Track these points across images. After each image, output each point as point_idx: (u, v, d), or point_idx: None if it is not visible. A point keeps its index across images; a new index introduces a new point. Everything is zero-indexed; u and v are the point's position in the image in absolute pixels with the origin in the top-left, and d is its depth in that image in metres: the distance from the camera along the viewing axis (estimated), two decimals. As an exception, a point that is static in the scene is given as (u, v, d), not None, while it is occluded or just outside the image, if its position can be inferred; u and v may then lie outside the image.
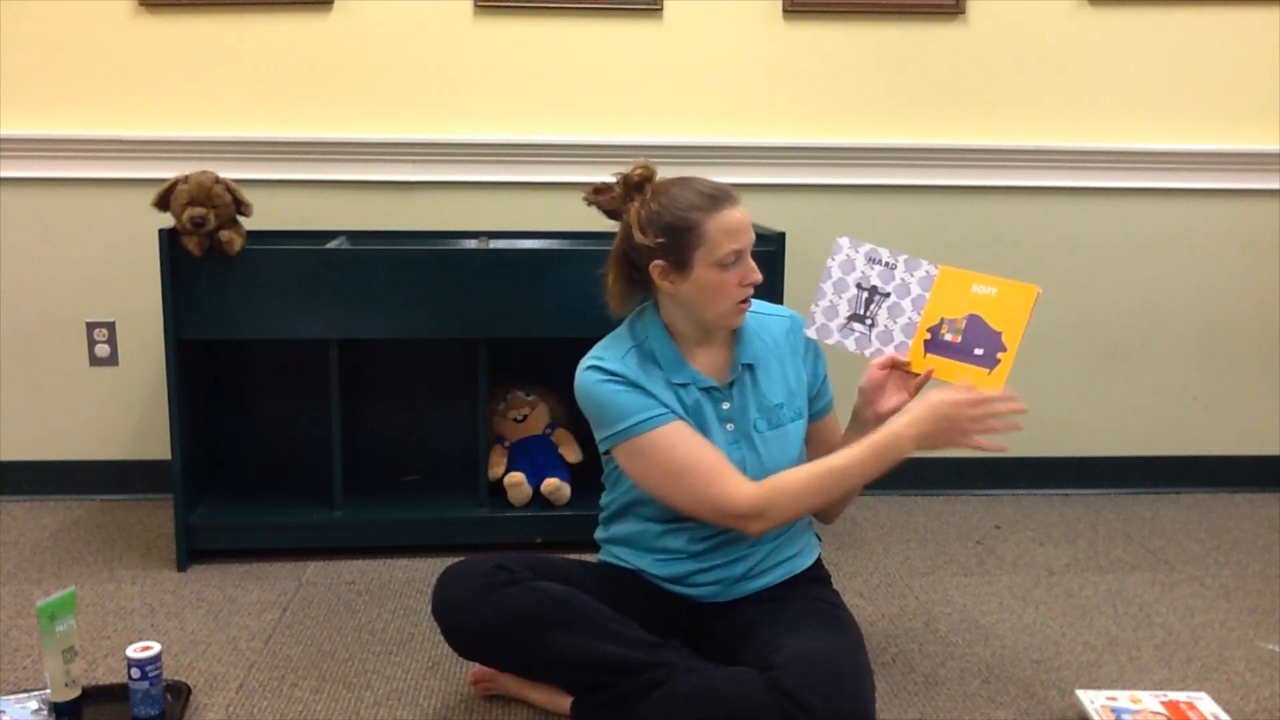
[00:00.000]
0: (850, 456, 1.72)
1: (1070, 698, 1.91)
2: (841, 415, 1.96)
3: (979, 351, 1.79)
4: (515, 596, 1.70)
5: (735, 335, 1.85)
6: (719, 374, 1.83)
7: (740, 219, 1.73)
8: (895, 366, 1.83)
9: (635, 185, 1.78)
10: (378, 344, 2.74)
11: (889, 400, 1.82)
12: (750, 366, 1.83)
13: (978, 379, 1.77)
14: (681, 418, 1.76)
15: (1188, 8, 2.85)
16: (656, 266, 1.74)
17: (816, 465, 1.75)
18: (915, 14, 2.81)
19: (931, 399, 1.72)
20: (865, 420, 1.83)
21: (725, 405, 1.81)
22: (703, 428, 1.79)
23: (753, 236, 1.75)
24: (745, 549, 1.83)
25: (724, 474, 1.73)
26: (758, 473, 1.77)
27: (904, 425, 1.72)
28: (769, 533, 1.82)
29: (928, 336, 1.83)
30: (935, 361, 1.81)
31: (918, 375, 1.82)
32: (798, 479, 1.74)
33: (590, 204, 1.84)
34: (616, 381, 1.75)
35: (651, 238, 1.72)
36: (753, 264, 1.75)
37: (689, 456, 1.73)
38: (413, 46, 2.77)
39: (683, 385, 1.79)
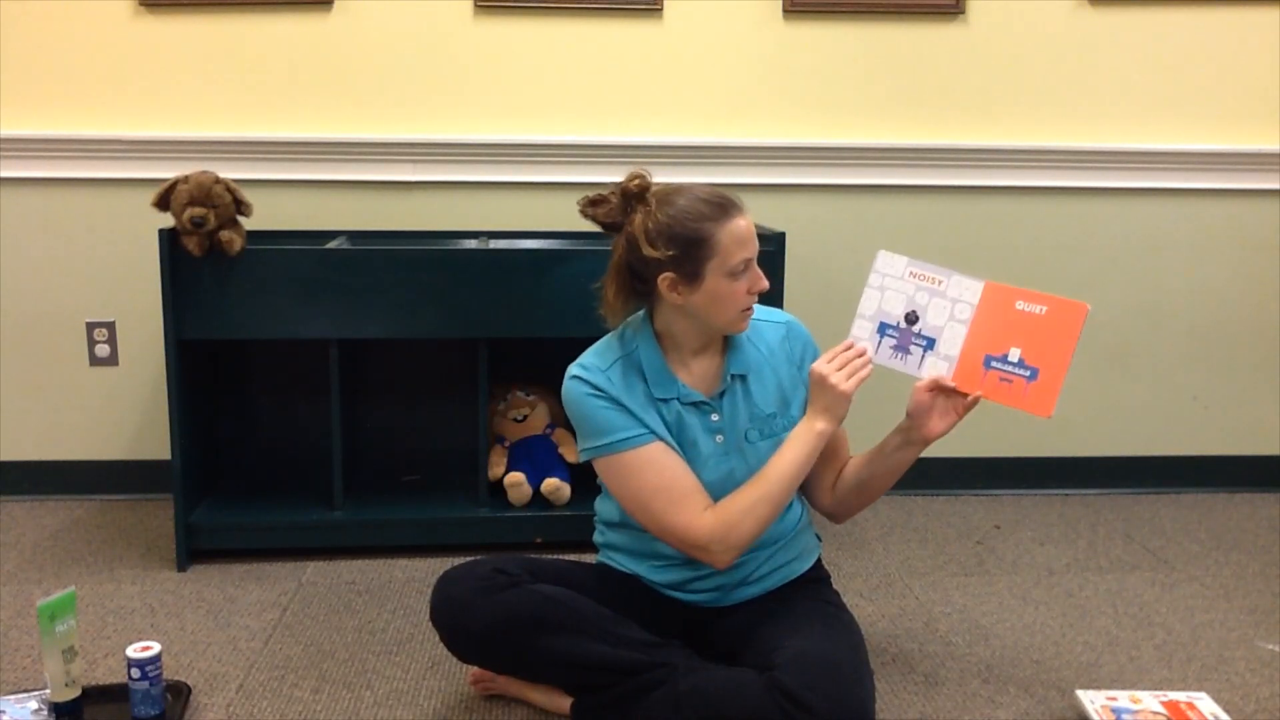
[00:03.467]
0: (779, 456, 1.74)
1: (1070, 698, 1.91)
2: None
3: (1027, 372, 1.75)
4: (514, 600, 1.70)
5: (727, 345, 1.83)
6: (708, 385, 1.81)
7: (748, 227, 1.72)
8: (940, 389, 1.78)
9: (635, 196, 1.74)
10: (378, 344, 2.74)
11: (938, 423, 1.77)
12: (742, 377, 1.82)
13: (1027, 401, 1.74)
14: (661, 438, 1.75)
15: (1188, 8, 2.85)
16: (666, 279, 1.71)
17: (755, 478, 1.74)
18: (915, 14, 2.81)
19: (811, 376, 1.76)
20: (913, 442, 1.80)
21: (714, 417, 1.80)
22: (687, 442, 1.78)
23: (757, 243, 1.74)
24: (745, 555, 1.81)
25: (688, 504, 1.72)
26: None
27: (808, 410, 1.76)
28: (767, 540, 1.82)
29: (977, 356, 1.77)
30: (983, 384, 1.76)
31: (967, 396, 1.77)
32: (742, 495, 1.73)
33: (586, 217, 1.79)
34: (599, 397, 1.75)
35: (662, 250, 1.68)
36: (759, 271, 1.74)
37: (658, 481, 1.72)
38: (413, 46, 2.77)
39: (665, 401, 1.77)
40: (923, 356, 1.81)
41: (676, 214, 1.69)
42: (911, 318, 1.82)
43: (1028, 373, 1.75)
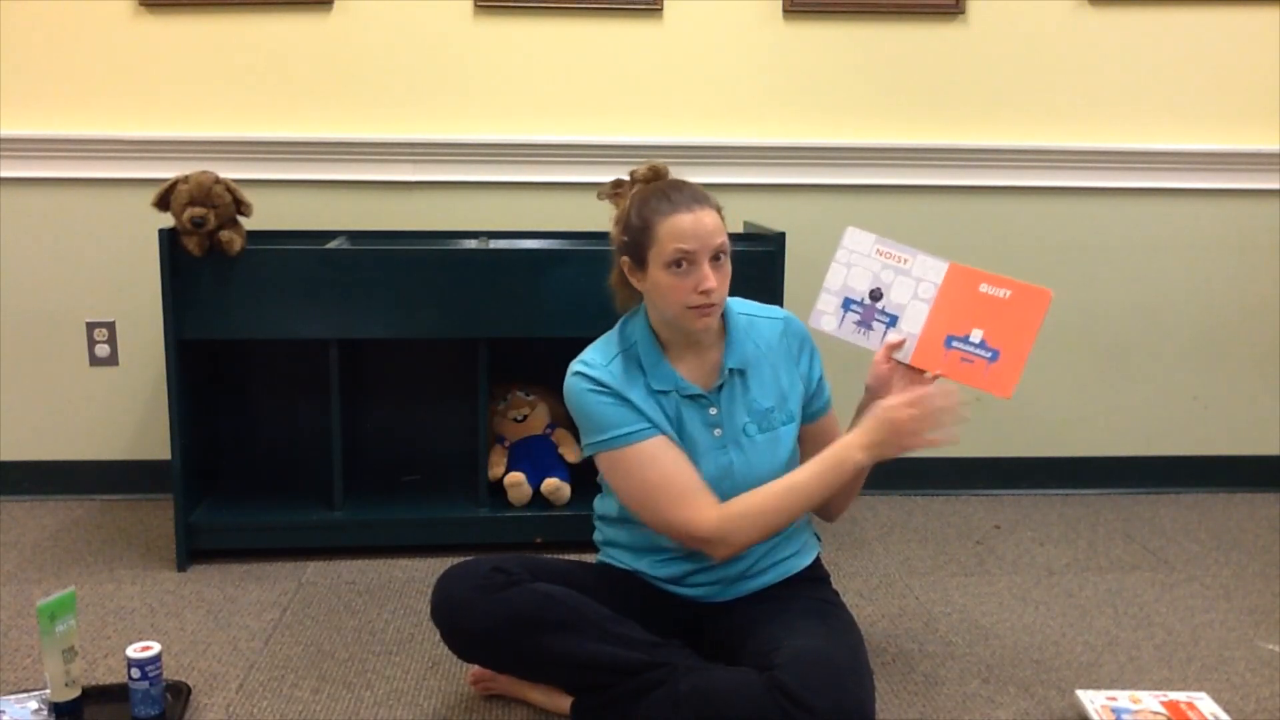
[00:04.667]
0: (806, 473, 1.73)
1: (1070, 698, 1.91)
2: (842, 417, 1.96)
3: (989, 354, 1.77)
4: (514, 599, 1.70)
5: (724, 339, 1.83)
6: (706, 379, 1.82)
7: (693, 222, 1.69)
8: (899, 364, 1.81)
9: (633, 183, 1.82)
10: (378, 344, 2.74)
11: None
12: (740, 372, 1.82)
13: (987, 382, 1.76)
14: (663, 432, 1.76)
15: (1188, 8, 2.85)
16: (624, 262, 1.78)
17: (773, 485, 1.74)
18: (915, 14, 2.81)
19: (877, 407, 1.71)
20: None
21: (712, 411, 1.80)
22: (686, 436, 1.79)
23: (716, 242, 1.70)
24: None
25: (691, 498, 1.73)
26: (746, 476, 1.77)
27: (854, 436, 1.72)
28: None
29: (939, 335, 1.80)
30: (944, 364, 1.78)
31: (924, 373, 1.79)
32: (755, 502, 1.73)
33: (602, 198, 1.88)
34: (601, 392, 1.75)
35: (618, 234, 1.78)
36: (708, 271, 1.70)
37: (661, 475, 1.73)
38: (413, 46, 2.77)
39: (664, 393, 1.78)
40: (885, 333, 1.84)
41: (639, 202, 1.76)
42: (876, 294, 1.84)
43: (989, 354, 1.78)
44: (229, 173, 2.43)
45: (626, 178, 1.84)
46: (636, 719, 1.67)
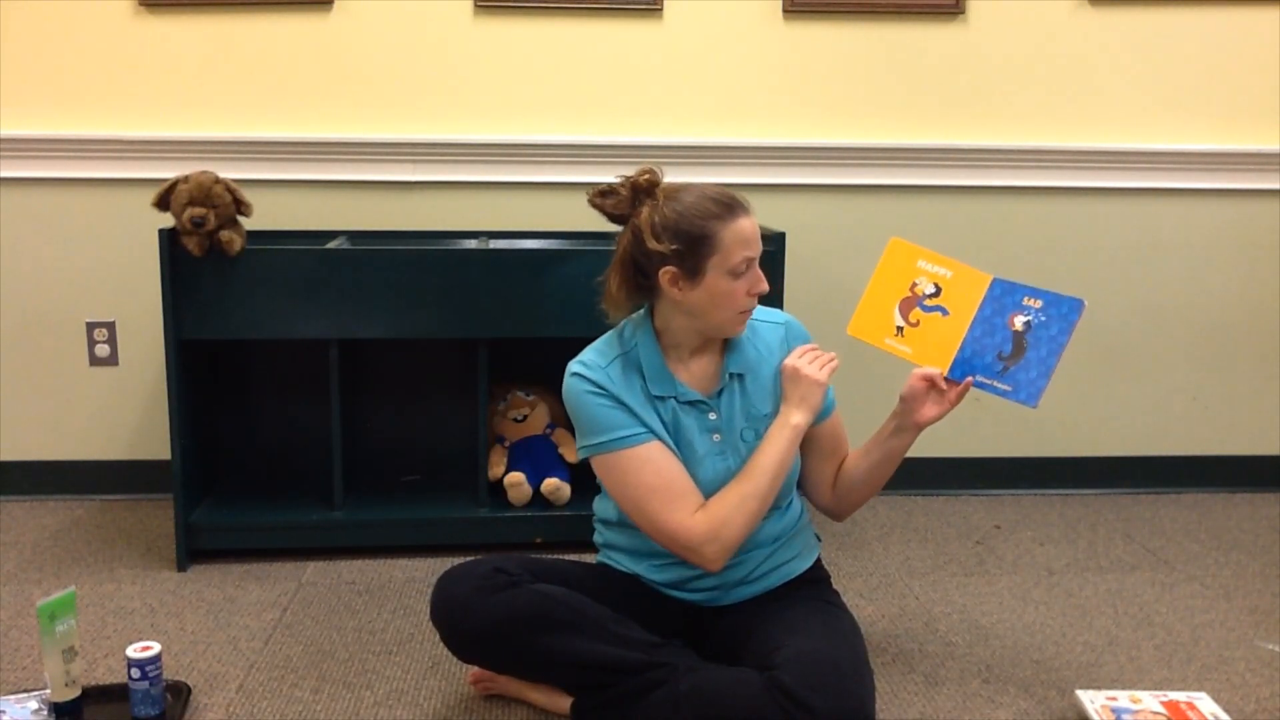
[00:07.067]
0: (760, 452, 1.76)
1: (1070, 698, 1.91)
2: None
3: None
4: (514, 599, 1.70)
5: (726, 343, 1.84)
6: (707, 384, 1.82)
7: (752, 227, 1.73)
8: (933, 380, 1.81)
9: (644, 190, 1.76)
10: (378, 344, 2.74)
11: (930, 409, 1.81)
12: (740, 376, 1.83)
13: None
14: (659, 438, 1.76)
15: (1188, 8, 2.85)
16: (667, 273, 1.73)
17: (740, 474, 1.76)
18: (915, 14, 2.81)
19: (784, 371, 1.80)
20: (905, 428, 1.83)
21: (711, 416, 1.80)
22: (683, 442, 1.79)
23: (760, 245, 1.75)
24: (743, 553, 1.82)
25: (682, 505, 1.73)
26: None
27: (783, 405, 1.79)
28: (766, 538, 1.82)
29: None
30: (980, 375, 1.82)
31: (957, 385, 1.81)
32: (729, 493, 1.74)
33: (595, 207, 1.81)
34: (599, 394, 1.75)
35: (666, 244, 1.71)
36: (760, 273, 1.75)
37: (655, 481, 1.73)
38: (413, 46, 2.77)
39: (662, 399, 1.78)
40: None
41: (683, 210, 1.71)
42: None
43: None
44: (229, 173, 2.43)
45: (617, 179, 1.79)
46: (636, 719, 1.67)
